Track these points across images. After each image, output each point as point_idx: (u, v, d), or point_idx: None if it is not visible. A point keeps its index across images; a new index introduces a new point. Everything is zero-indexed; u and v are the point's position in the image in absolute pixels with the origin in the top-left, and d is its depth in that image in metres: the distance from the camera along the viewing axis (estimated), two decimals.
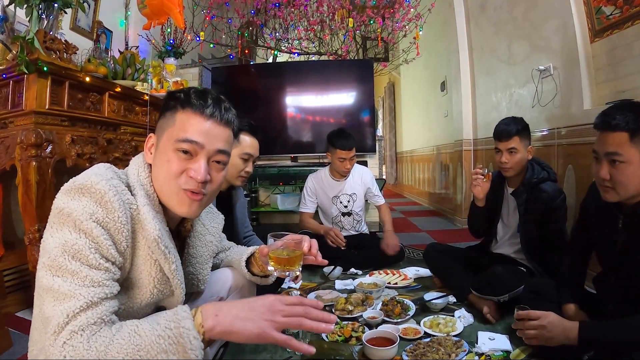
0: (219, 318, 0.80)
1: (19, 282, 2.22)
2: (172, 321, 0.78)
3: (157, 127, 1.01)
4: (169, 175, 0.95)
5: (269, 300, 0.84)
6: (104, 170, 0.92)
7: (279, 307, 0.83)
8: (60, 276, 0.79)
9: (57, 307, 0.76)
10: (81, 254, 0.80)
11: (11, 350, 1.76)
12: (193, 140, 0.95)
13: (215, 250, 1.24)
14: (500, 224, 2.27)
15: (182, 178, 0.95)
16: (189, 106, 0.97)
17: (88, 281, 0.79)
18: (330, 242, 2.85)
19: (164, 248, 0.92)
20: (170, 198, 0.97)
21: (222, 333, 0.80)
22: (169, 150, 0.95)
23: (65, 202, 0.84)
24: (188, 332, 0.76)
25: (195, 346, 0.76)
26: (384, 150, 9.48)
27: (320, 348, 1.62)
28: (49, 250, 0.81)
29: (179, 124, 0.96)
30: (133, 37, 4.05)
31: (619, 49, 2.29)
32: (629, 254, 1.35)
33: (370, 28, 4.98)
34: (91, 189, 0.85)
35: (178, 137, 0.94)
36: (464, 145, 4.61)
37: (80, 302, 0.76)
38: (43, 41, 2.07)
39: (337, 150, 2.89)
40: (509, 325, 1.82)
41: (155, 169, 0.98)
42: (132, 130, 2.78)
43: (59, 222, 0.83)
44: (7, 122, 2.13)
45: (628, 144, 1.25)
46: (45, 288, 0.78)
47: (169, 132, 0.97)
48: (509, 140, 2.04)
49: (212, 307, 0.82)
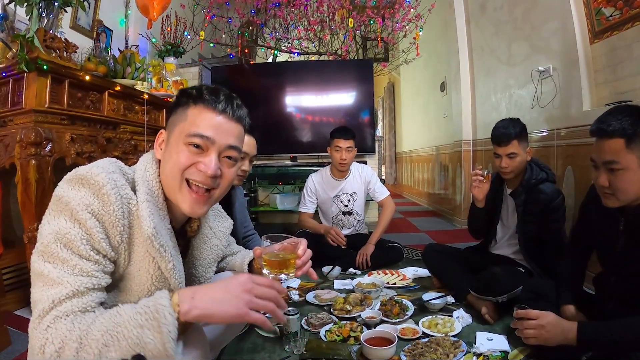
0: (195, 301, 0.80)
1: (18, 280, 2.22)
2: (150, 300, 0.79)
3: (168, 123, 1.02)
4: (176, 167, 0.95)
5: (243, 279, 0.85)
6: (108, 163, 0.92)
7: (252, 287, 0.84)
8: (51, 262, 0.80)
9: (45, 292, 0.78)
10: (72, 244, 0.81)
11: (10, 349, 1.76)
12: (204, 134, 0.95)
13: (220, 255, 1.23)
14: (499, 225, 2.27)
15: (190, 170, 0.95)
16: (200, 101, 0.97)
17: (77, 270, 0.80)
18: (331, 241, 2.85)
19: (158, 246, 0.91)
20: (175, 192, 0.97)
21: (199, 317, 0.80)
22: (179, 144, 0.96)
23: (65, 191, 0.85)
24: (164, 308, 0.76)
25: (170, 322, 0.76)
26: (383, 151, 9.48)
27: (318, 348, 1.62)
28: (44, 236, 0.82)
29: (191, 118, 0.97)
30: (133, 36, 4.05)
31: (619, 50, 2.29)
32: (630, 256, 1.36)
33: (370, 28, 4.98)
34: (90, 181, 0.85)
35: (189, 132, 0.95)
36: (464, 145, 4.62)
37: (66, 289, 0.78)
38: (43, 40, 2.07)
39: (335, 140, 2.93)
40: (507, 325, 1.82)
41: (163, 163, 0.98)
42: (132, 129, 2.78)
43: (56, 210, 0.84)
44: (7, 120, 2.13)
45: (624, 151, 1.23)
46: (37, 273, 0.80)
47: (180, 126, 0.97)
48: (508, 146, 2.03)
49: (189, 290, 0.82)
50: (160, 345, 0.75)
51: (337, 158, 2.93)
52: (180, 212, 1.02)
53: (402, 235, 4.16)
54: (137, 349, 0.74)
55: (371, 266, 2.83)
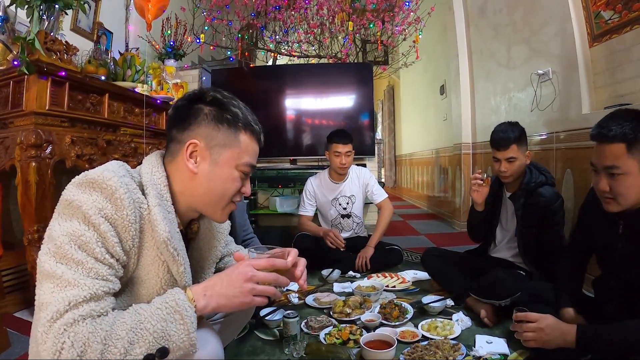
0: (207, 297, 0.88)
1: (18, 282, 2.22)
2: (167, 296, 0.86)
3: (206, 135, 0.98)
4: (230, 192, 1.01)
5: (243, 268, 0.92)
6: (117, 167, 0.92)
7: (252, 275, 0.91)
8: (65, 264, 0.78)
9: (58, 293, 0.75)
10: (88, 246, 0.80)
11: (9, 351, 1.75)
12: (255, 165, 1.05)
13: (219, 256, 1.24)
14: (498, 228, 2.28)
15: (236, 194, 1.03)
16: (250, 131, 1.02)
17: (93, 273, 0.79)
18: (330, 244, 2.85)
19: (172, 250, 0.91)
20: (215, 210, 1.03)
21: (213, 310, 0.90)
22: (232, 169, 1.00)
23: (75, 195, 0.84)
24: (183, 302, 0.84)
25: (191, 314, 0.84)
26: (383, 153, 9.48)
27: (318, 350, 1.63)
28: (55, 238, 0.80)
29: (244, 146, 1.01)
30: (133, 38, 4.06)
31: (618, 53, 2.30)
32: (630, 259, 1.36)
33: (370, 31, 4.99)
34: (102, 185, 0.84)
35: (246, 161, 1.01)
36: (463, 148, 4.62)
37: (84, 292, 0.76)
38: (44, 42, 2.08)
39: (333, 145, 2.93)
40: (506, 328, 1.82)
41: (209, 181, 0.99)
42: (132, 132, 2.79)
43: (68, 213, 0.83)
44: (7, 122, 2.14)
45: (625, 155, 1.22)
46: (47, 274, 0.78)
47: (233, 151, 1.00)
48: (507, 150, 2.03)
49: (199, 287, 0.90)
50: (184, 335, 0.82)
51: (337, 163, 2.93)
52: (185, 215, 1.04)
53: (401, 238, 4.15)
54: (162, 341, 0.80)
55: (370, 269, 2.83)
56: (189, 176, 0.99)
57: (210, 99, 1.00)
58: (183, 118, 1.00)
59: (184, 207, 1.02)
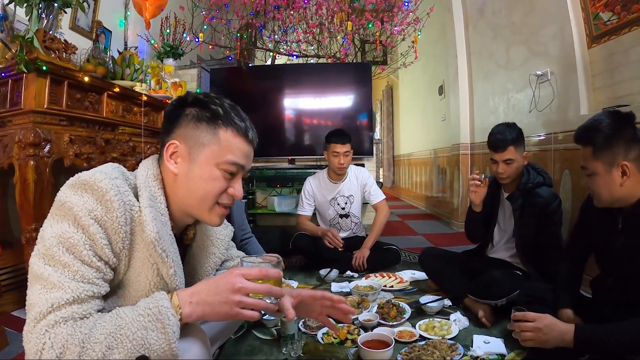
0: (194, 305, 0.85)
1: (15, 281, 2.21)
2: (151, 302, 0.82)
3: (185, 135, 0.98)
4: (212, 193, 0.97)
5: (231, 279, 0.86)
6: (111, 169, 0.92)
7: (241, 287, 0.86)
8: (52, 266, 0.79)
9: (44, 295, 0.77)
10: (75, 249, 0.81)
11: (7, 350, 1.75)
12: (241, 164, 0.99)
13: (218, 262, 1.23)
14: (496, 229, 2.28)
15: (222, 195, 0.99)
16: (231, 126, 0.98)
17: (78, 276, 0.80)
18: (328, 244, 2.85)
19: (161, 251, 0.90)
20: (203, 211, 1.00)
21: (198, 319, 0.87)
22: (212, 168, 0.97)
23: (67, 196, 0.84)
24: (166, 310, 0.81)
25: (173, 322, 0.81)
26: (381, 153, 9.49)
27: (315, 350, 1.63)
28: (46, 239, 0.81)
29: (225, 143, 0.97)
30: (132, 37, 4.05)
31: (616, 55, 2.30)
32: (628, 256, 1.37)
33: (369, 31, 4.99)
34: (93, 186, 0.85)
35: (227, 159, 0.97)
36: (461, 149, 4.62)
37: (67, 294, 0.77)
38: (42, 40, 2.07)
39: (331, 145, 2.93)
40: (504, 328, 1.83)
41: (188, 182, 0.97)
42: (130, 131, 2.78)
43: (59, 215, 0.84)
44: (6, 120, 2.13)
45: (591, 158, 1.38)
46: (36, 275, 0.79)
47: (212, 149, 0.97)
48: (504, 152, 2.04)
49: (186, 293, 0.86)
50: (165, 345, 0.79)
51: (336, 163, 2.94)
52: (180, 220, 1.03)
53: (399, 238, 4.16)
54: (142, 350, 0.78)
55: (368, 269, 2.83)
56: (172, 178, 0.99)
57: (192, 100, 1.01)
58: (169, 122, 1.01)
59: (177, 211, 1.01)
